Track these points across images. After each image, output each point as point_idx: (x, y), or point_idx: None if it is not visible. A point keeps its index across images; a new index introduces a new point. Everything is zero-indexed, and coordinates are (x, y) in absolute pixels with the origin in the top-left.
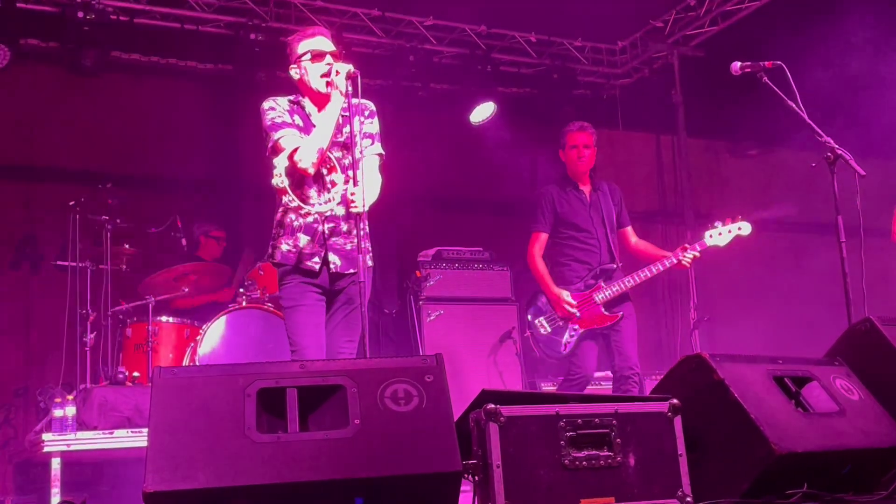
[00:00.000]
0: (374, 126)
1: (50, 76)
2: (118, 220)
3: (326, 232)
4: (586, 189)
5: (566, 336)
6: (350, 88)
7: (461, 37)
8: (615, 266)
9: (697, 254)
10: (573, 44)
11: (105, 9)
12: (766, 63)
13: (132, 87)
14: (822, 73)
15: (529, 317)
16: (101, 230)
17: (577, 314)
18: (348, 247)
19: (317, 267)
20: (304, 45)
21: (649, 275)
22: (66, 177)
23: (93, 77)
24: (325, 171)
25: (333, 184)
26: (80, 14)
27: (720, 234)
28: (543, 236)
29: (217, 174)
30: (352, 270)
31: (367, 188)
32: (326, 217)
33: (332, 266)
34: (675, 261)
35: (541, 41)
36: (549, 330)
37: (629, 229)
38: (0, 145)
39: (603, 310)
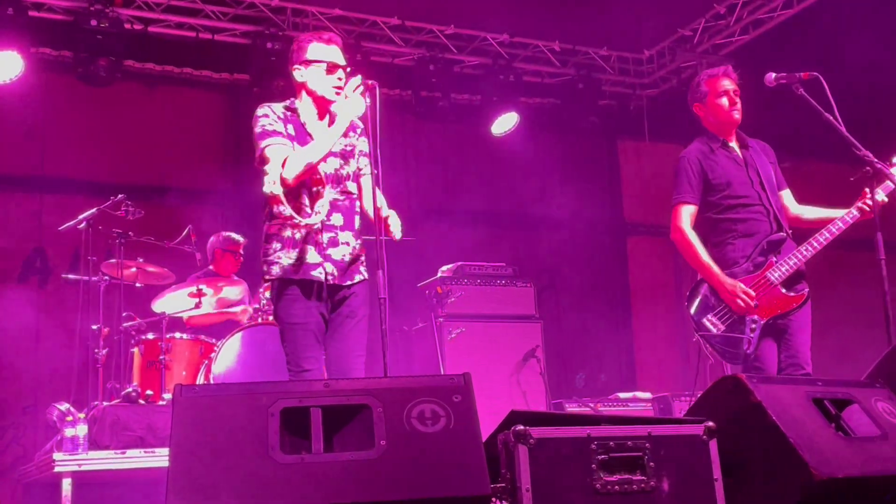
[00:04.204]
0: (366, 144)
1: (62, 85)
2: (131, 233)
3: (325, 242)
4: (735, 146)
5: (748, 330)
6: (368, 100)
7: (483, 46)
8: (784, 235)
9: (885, 198)
10: (598, 53)
11: (119, 17)
12: (801, 74)
13: (146, 97)
14: (856, 83)
15: (695, 315)
16: (113, 243)
17: (755, 305)
18: (346, 258)
19: (322, 277)
20: (317, 50)
21: (829, 237)
22: (77, 188)
23: (106, 86)
24: (314, 182)
25: (320, 195)
26: (94, 22)
27: None
28: (692, 209)
29: (232, 186)
30: (348, 283)
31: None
32: (325, 226)
33: (329, 277)
34: (856, 214)
35: (565, 50)
36: (722, 327)
37: (788, 193)
38: (10, 155)
39: (782, 290)
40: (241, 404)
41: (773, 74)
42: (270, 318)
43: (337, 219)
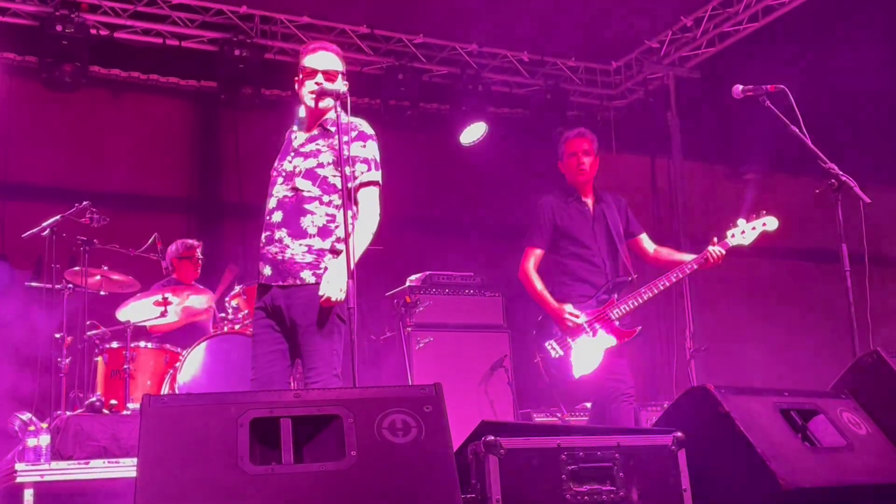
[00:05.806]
0: (359, 149)
1: (27, 91)
2: (95, 241)
3: (263, 241)
4: (589, 201)
5: None
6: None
7: (451, 55)
8: (629, 279)
9: (723, 252)
10: (566, 64)
11: (84, 22)
12: (768, 87)
13: (112, 103)
14: (820, 95)
15: (538, 340)
16: (77, 251)
17: (588, 330)
18: (279, 257)
19: (260, 280)
20: (304, 61)
21: (668, 283)
22: (41, 195)
23: (71, 92)
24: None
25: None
26: (59, 27)
27: (743, 233)
28: (539, 252)
29: (199, 193)
30: (280, 283)
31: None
32: (266, 224)
33: (262, 278)
34: (695, 267)
35: (533, 61)
36: (560, 353)
37: (644, 237)
38: None
39: (618, 325)
40: (210, 414)
41: (741, 87)
42: (237, 326)
43: (277, 216)
